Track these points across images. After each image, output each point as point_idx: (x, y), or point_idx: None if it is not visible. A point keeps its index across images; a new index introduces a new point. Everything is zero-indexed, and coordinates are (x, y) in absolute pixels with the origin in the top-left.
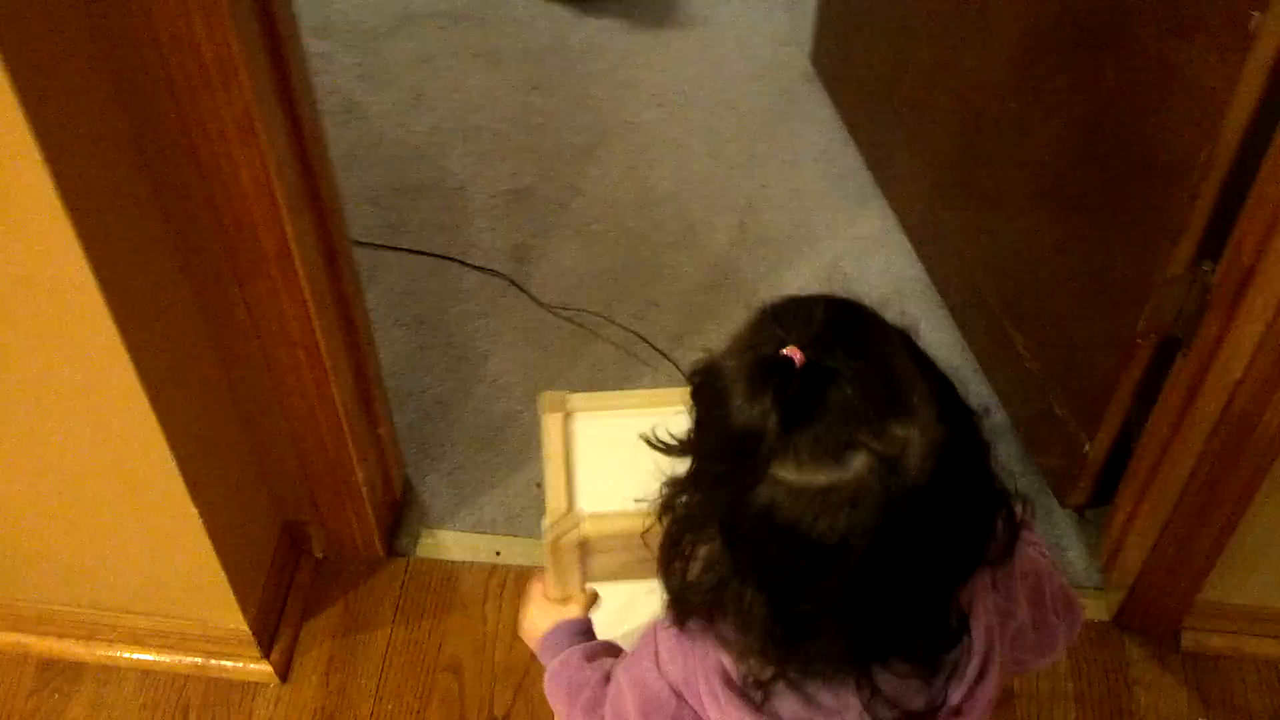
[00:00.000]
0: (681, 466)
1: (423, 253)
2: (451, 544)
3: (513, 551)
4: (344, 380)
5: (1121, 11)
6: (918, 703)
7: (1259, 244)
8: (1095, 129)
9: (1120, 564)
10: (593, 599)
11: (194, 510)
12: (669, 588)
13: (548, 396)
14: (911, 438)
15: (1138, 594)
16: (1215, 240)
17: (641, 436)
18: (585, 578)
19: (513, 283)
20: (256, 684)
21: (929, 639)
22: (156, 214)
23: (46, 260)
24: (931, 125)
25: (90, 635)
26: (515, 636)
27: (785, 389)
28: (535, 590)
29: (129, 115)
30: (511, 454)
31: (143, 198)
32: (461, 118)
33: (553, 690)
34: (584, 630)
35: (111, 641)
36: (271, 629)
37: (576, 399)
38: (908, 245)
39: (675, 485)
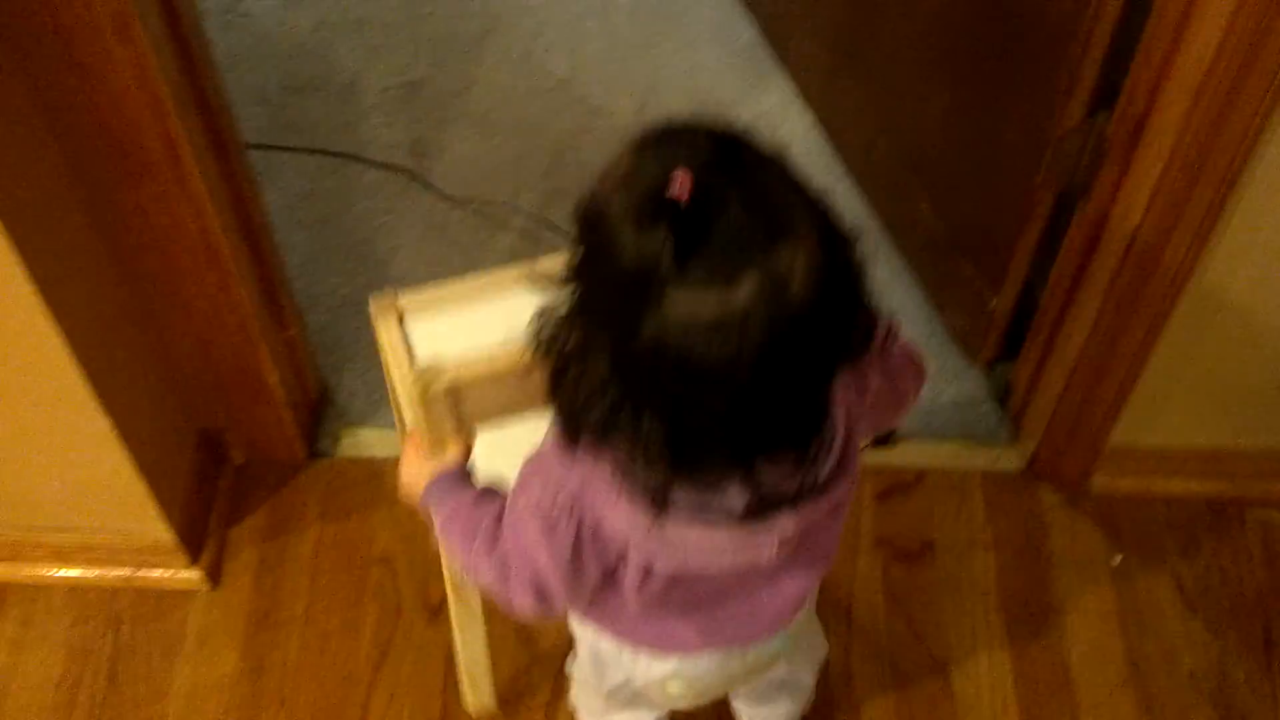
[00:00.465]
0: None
1: (319, 151)
2: (373, 441)
3: None
4: (248, 282)
5: None
6: (791, 485)
7: (1150, 92)
8: None
9: (1030, 415)
10: (468, 445)
11: (106, 420)
12: (559, 419)
13: (375, 300)
14: (797, 260)
15: (1048, 443)
16: (1108, 91)
17: (526, 275)
18: (458, 426)
19: (414, 177)
20: (187, 591)
21: (805, 432)
22: (40, 122)
23: None
24: None
25: (14, 556)
26: None
27: (676, 221)
28: (409, 450)
29: (1, 19)
30: None
31: (24, 104)
32: (346, 10)
33: (447, 540)
34: (463, 475)
35: (35, 560)
36: (198, 536)
37: (408, 299)
38: (810, 117)
39: (556, 322)
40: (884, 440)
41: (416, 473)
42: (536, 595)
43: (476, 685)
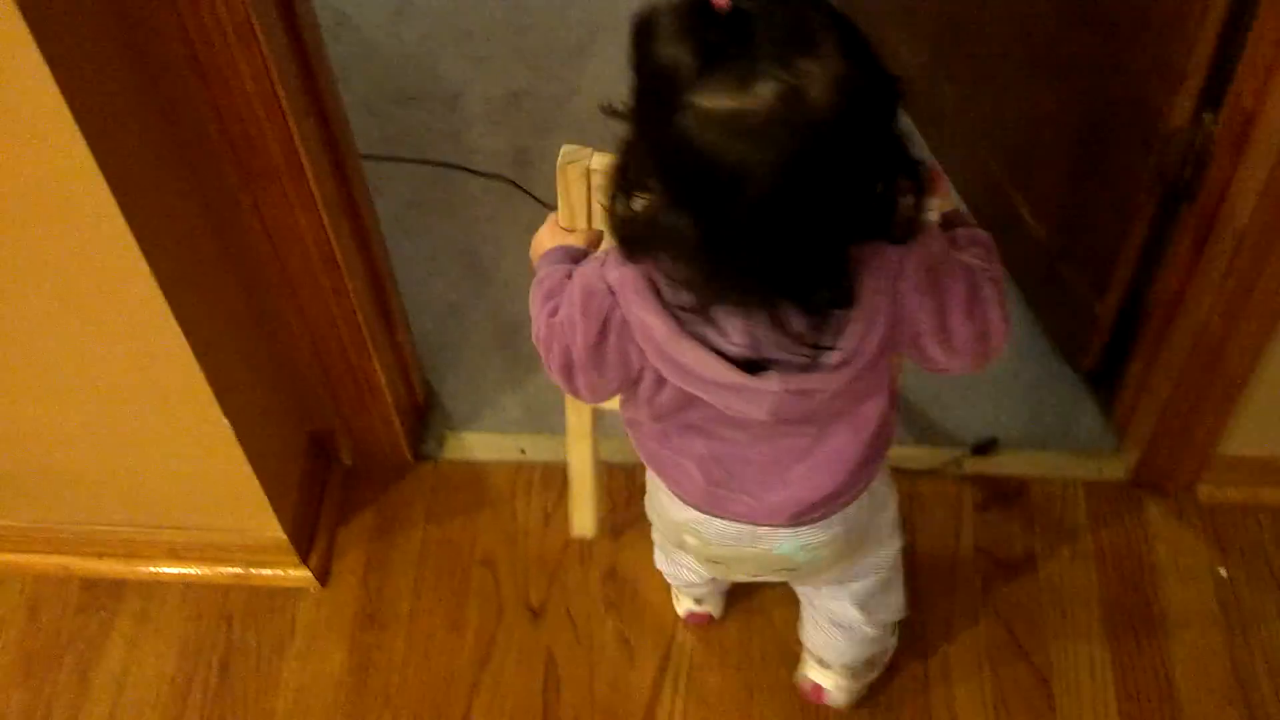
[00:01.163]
0: None
1: (425, 161)
2: (476, 445)
3: (537, 448)
4: (360, 286)
5: None
6: (787, 350)
7: (1258, 90)
8: None
9: (1135, 424)
10: (597, 237)
11: (224, 421)
12: (614, 223)
13: (567, 150)
14: (816, 71)
15: (1153, 452)
16: (1215, 90)
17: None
18: (591, 216)
19: (517, 185)
20: (297, 589)
21: (824, 290)
22: (164, 125)
23: (61, 177)
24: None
25: (130, 553)
26: (546, 528)
27: (706, 31)
28: (551, 217)
29: (129, 26)
30: (528, 354)
31: (149, 110)
32: (451, 23)
33: (533, 292)
34: (577, 255)
35: (151, 557)
36: (308, 536)
37: (599, 157)
38: (909, 122)
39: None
40: (985, 448)
41: (547, 236)
42: (563, 367)
43: (580, 506)
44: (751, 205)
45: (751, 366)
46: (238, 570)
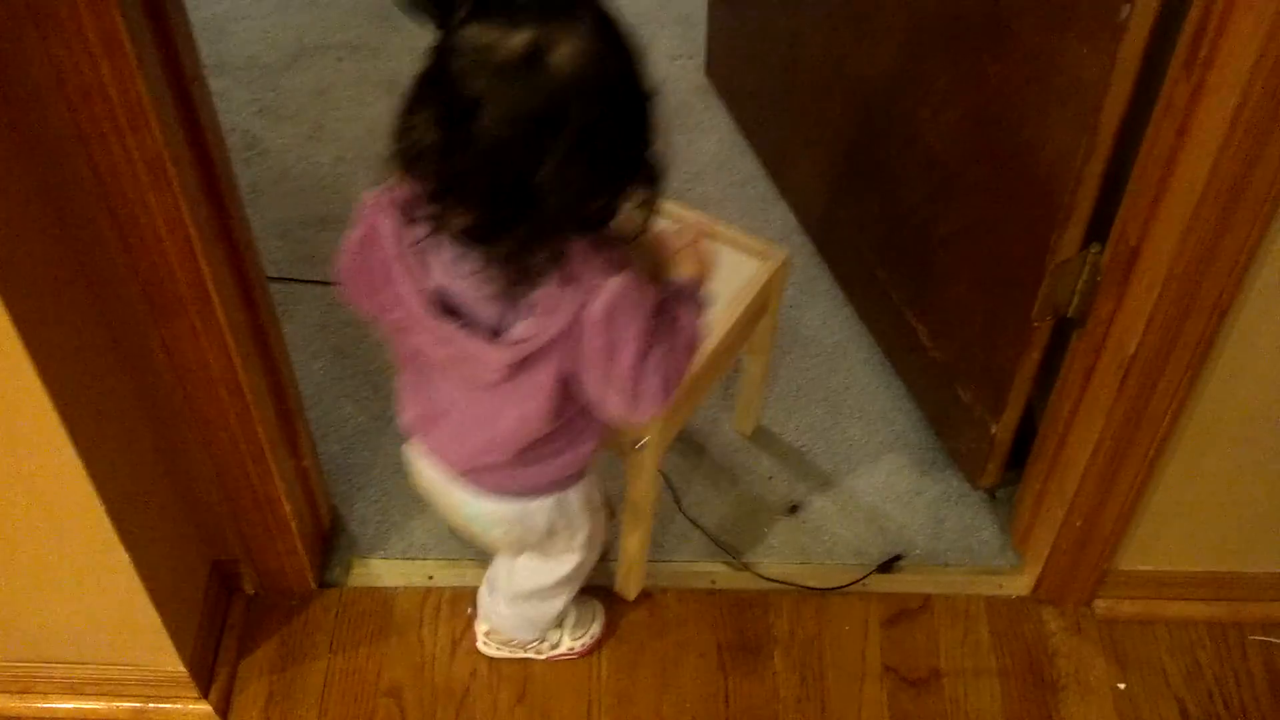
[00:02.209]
0: None
1: (335, 284)
2: (383, 571)
3: (445, 574)
4: (266, 415)
5: (998, 7)
6: (489, 315)
7: (1141, 228)
8: (981, 122)
9: (1033, 540)
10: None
11: (124, 553)
12: (393, 138)
13: None
14: (565, 38)
15: (1051, 568)
16: (1102, 223)
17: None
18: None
19: None
20: None
21: (533, 253)
22: (70, 255)
23: None
24: (825, 127)
25: (25, 689)
26: (453, 655)
27: None
28: None
29: (36, 164)
30: None
31: (55, 244)
32: (364, 147)
33: None
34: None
35: (46, 693)
36: (208, 668)
37: None
38: (810, 246)
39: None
40: (888, 565)
41: None
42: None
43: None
44: (483, 134)
45: (437, 300)
46: (136, 705)
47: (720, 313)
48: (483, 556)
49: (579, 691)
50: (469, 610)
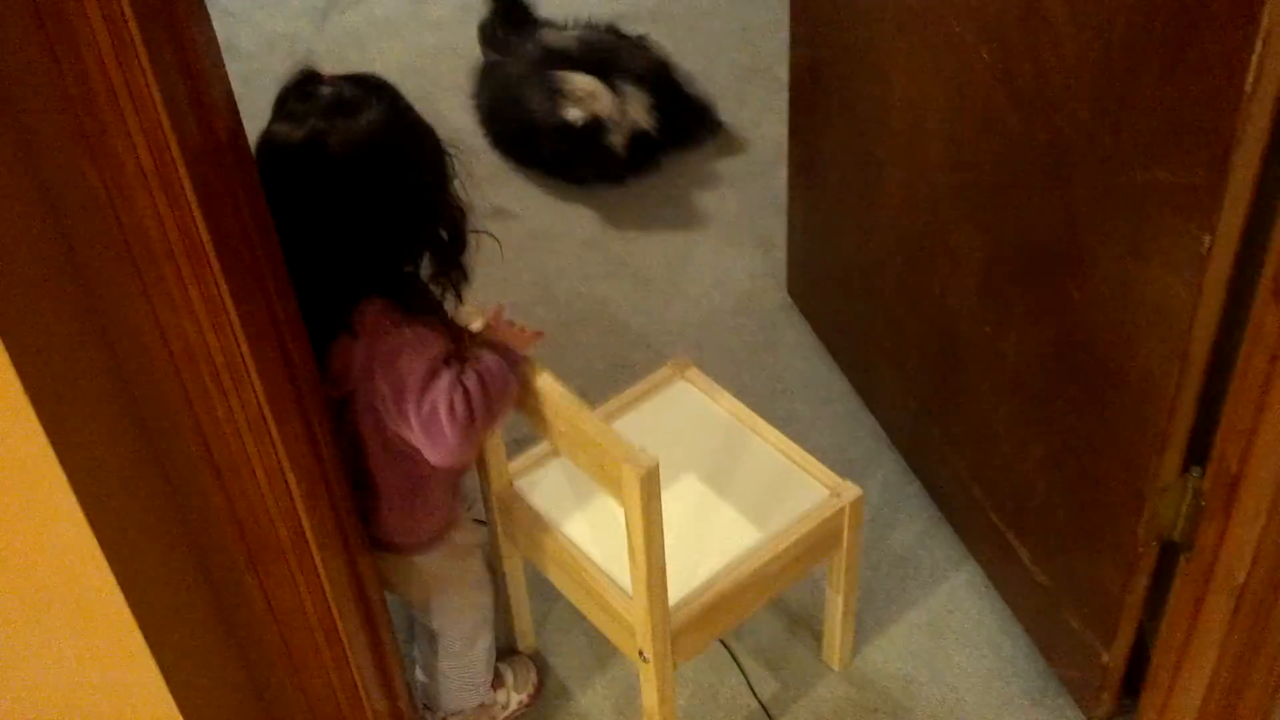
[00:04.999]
0: None
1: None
2: None
3: None
4: (362, 661)
5: (1077, 237)
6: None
7: (1241, 455)
8: (1068, 347)
9: None
10: None
11: None
12: None
13: None
14: (342, 130)
15: None
16: (1203, 445)
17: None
18: None
19: None
20: None
21: (330, 304)
22: (172, 513)
23: (73, 578)
24: (909, 348)
25: None
26: None
27: (294, 96)
28: None
29: (143, 425)
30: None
31: (165, 516)
32: None
33: None
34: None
35: None
36: None
37: None
38: (902, 463)
39: None
40: None
41: None
42: None
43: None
44: (286, 211)
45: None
46: None
47: (768, 536)
48: None
49: None
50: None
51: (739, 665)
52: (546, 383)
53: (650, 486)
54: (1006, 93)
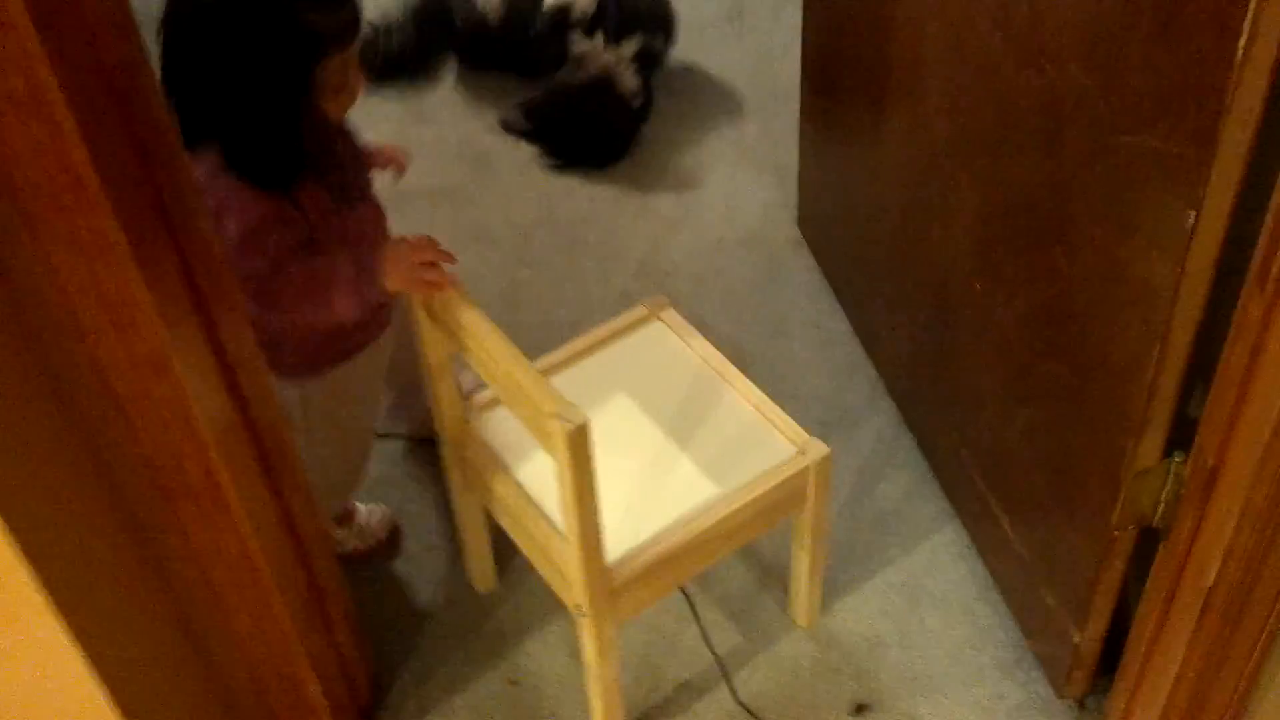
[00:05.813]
0: None
1: (392, 435)
2: None
3: None
4: (291, 599)
5: (1066, 204)
6: None
7: (1219, 446)
8: (1054, 316)
9: None
10: None
11: None
12: None
13: None
14: None
15: None
16: (1186, 430)
17: None
18: None
19: None
20: None
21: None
22: (82, 451)
23: None
24: (905, 298)
25: None
26: None
27: None
28: None
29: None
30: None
31: (66, 438)
32: None
33: None
34: None
35: None
36: None
37: None
38: (898, 414)
39: None
40: None
41: None
42: None
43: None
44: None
45: None
46: None
47: (724, 493)
48: None
49: None
50: None
51: (697, 618)
52: (481, 325)
53: (579, 443)
54: (1003, 36)
